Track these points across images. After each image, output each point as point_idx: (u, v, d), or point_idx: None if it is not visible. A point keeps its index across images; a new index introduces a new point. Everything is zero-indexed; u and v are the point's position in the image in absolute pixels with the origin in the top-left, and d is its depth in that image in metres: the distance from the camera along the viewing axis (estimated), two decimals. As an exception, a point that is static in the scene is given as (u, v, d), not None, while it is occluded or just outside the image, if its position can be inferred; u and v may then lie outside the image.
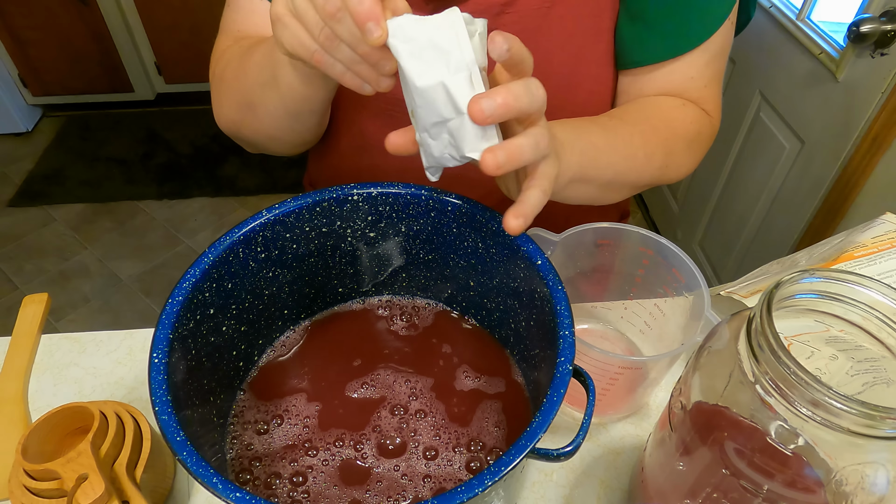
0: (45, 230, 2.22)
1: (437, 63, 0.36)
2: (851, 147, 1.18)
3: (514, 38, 0.36)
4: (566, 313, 0.42)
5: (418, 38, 0.36)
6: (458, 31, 0.36)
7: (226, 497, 0.34)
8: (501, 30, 0.36)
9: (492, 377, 0.53)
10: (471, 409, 0.51)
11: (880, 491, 0.32)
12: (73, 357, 0.66)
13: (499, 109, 0.35)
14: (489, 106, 0.35)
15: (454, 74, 0.36)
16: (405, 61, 0.37)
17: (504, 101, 0.35)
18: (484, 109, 0.35)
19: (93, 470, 0.46)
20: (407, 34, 0.37)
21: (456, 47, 0.36)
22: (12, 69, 2.50)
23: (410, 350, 0.55)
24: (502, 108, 0.36)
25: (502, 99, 0.35)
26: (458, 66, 0.36)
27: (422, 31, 0.36)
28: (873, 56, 1.10)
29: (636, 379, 0.55)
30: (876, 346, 0.36)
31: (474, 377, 0.53)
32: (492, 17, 0.58)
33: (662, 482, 0.45)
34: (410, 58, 0.37)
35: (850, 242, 0.59)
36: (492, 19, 0.58)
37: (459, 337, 0.57)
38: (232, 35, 0.63)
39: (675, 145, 0.59)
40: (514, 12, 0.57)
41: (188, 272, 0.44)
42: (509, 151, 0.37)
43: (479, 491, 0.33)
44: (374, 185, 0.50)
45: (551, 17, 0.58)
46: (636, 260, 0.58)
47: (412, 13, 0.37)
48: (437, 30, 0.36)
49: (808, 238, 1.33)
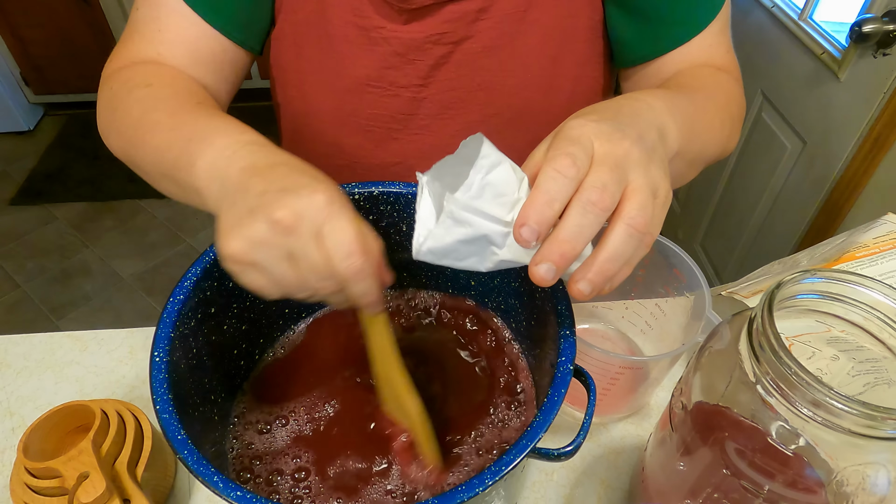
0: (46, 229, 2.22)
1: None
2: (853, 147, 1.18)
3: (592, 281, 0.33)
4: (567, 313, 0.42)
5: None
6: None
7: (226, 496, 0.34)
8: (478, 36, 0.35)
9: (492, 376, 0.53)
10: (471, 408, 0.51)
11: (881, 491, 0.32)
12: (75, 355, 0.66)
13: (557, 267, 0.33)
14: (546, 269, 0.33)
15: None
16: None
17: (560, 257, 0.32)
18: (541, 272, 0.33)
19: (94, 468, 0.46)
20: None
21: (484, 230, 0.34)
22: (14, 68, 2.51)
23: (411, 349, 0.55)
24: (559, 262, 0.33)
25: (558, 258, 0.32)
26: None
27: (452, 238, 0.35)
28: (875, 56, 1.10)
29: (637, 379, 0.55)
30: (877, 346, 0.36)
31: (475, 376, 0.53)
32: (468, 23, 0.57)
33: (663, 482, 0.45)
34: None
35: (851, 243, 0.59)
36: (468, 26, 0.57)
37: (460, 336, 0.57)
38: (149, 35, 0.56)
39: (731, 111, 0.56)
40: (489, 18, 0.57)
41: (189, 271, 0.44)
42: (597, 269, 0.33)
43: (479, 490, 0.33)
44: (375, 184, 0.50)
45: (527, 22, 0.58)
46: (637, 260, 0.58)
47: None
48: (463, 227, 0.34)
49: (809, 238, 1.33)
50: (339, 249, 0.34)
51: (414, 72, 0.60)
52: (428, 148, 0.65)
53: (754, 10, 1.44)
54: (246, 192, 0.36)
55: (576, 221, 0.32)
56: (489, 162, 0.34)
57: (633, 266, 0.35)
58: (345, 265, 0.34)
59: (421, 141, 0.64)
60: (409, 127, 0.63)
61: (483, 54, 0.59)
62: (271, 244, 0.34)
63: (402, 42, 0.58)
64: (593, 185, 0.32)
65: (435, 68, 0.59)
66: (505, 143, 0.64)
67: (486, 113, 0.62)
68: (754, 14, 1.44)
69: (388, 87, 0.61)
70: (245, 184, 0.36)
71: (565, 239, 0.32)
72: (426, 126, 0.63)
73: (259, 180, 0.36)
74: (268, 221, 0.33)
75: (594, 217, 0.32)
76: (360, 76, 0.60)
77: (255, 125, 0.42)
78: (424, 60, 0.59)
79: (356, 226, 0.35)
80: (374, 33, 0.58)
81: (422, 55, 0.59)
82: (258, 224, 0.34)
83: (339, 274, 0.34)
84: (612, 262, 0.33)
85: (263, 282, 0.36)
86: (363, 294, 0.36)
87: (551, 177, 0.32)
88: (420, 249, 0.35)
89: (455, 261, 0.36)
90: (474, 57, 0.59)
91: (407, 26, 0.57)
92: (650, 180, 0.34)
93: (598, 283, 0.33)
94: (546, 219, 0.32)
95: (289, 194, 0.34)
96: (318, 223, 0.34)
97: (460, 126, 0.63)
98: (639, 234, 0.33)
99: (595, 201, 0.32)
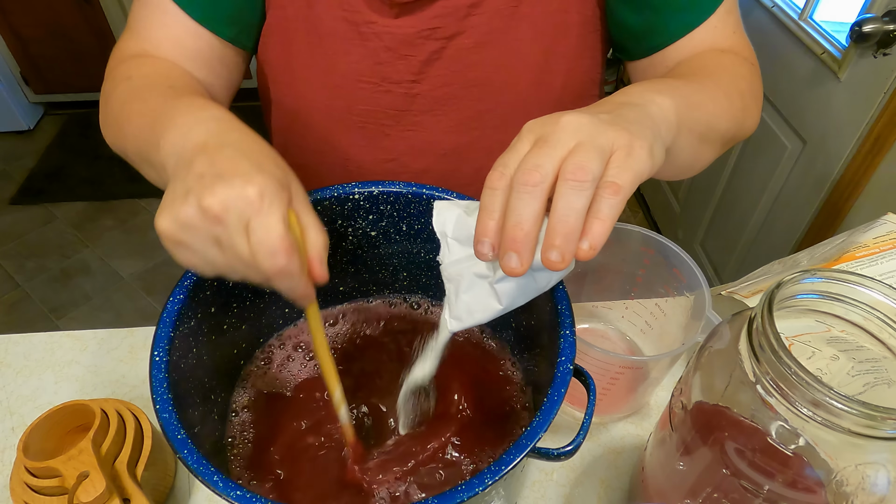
0: (46, 228, 2.22)
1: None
2: (853, 147, 1.18)
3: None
4: (567, 313, 0.42)
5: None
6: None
7: (226, 495, 0.34)
8: (469, 32, 0.35)
9: (493, 376, 0.53)
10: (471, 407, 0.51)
11: (881, 491, 0.32)
12: (75, 355, 0.66)
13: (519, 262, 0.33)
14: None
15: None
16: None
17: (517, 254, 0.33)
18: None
19: (94, 467, 0.46)
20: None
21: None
22: (14, 67, 2.51)
23: (411, 349, 0.55)
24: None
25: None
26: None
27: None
28: (876, 56, 1.09)
29: (637, 378, 0.55)
30: (877, 346, 0.36)
31: (475, 376, 0.53)
32: (459, 19, 0.57)
33: (663, 482, 0.45)
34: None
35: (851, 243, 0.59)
36: (459, 21, 0.57)
37: (460, 336, 0.57)
38: (137, 32, 0.58)
39: (740, 86, 0.55)
40: (481, 13, 0.57)
41: (189, 270, 0.44)
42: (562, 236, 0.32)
43: (479, 490, 0.33)
44: (375, 183, 0.50)
45: (518, 16, 0.58)
46: (637, 259, 0.58)
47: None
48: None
49: (809, 238, 1.33)
50: (262, 246, 0.34)
51: (406, 67, 0.60)
52: (421, 144, 0.65)
53: (754, 10, 1.44)
54: (189, 169, 0.36)
55: (512, 206, 0.33)
56: (443, 224, 0.39)
57: (607, 220, 0.32)
58: (268, 264, 0.35)
59: (414, 137, 0.64)
60: (402, 123, 0.63)
61: (475, 50, 0.59)
62: (198, 228, 0.35)
63: (393, 37, 0.58)
64: (520, 170, 0.33)
65: (427, 64, 0.59)
66: (497, 139, 0.65)
67: (478, 108, 0.62)
68: (754, 14, 1.44)
69: (379, 83, 0.61)
70: (191, 161, 0.37)
71: (509, 226, 0.32)
72: (419, 122, 0.63)
73: (203, 160, 0.36)
74: (197, 207, 0.34)
75: (527, 196, 0.32)
76: (350, 72, 0.60)
77: (257, 125, 0.42)
78: (416, 56, 0.59)
79: (284, 223, 0.35)
80: (364, 28, 0.58)
81: (413, 50, 0.58)
82: (188, 207, 0.34)
83: (262, 270, 0.35)
84: (563, 219, 0.32)
85: (196, 260, 0.37)
86: (289, 289, 0.37)
87: (485, 194, 0.34)
88: (449, 321, 0.40)
89: (477, 314, 0.39)
90: (466, 53, 0.59)
91: (397, 20, 0.57)
92: (593, 138, 0.33)
93: (563, 246, 0.32)
94: (490, 228, 0.33)
95: (222, 182, 0.34)
96: (246, 215, 0.34)
97: (453, 122, 0.63)
98: (581, 185, 0.32)
99: (524, 181, 0.32)
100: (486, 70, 0.60)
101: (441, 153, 0.65)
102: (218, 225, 0.34)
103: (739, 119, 0.54)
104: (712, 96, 0.50)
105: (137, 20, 0.58)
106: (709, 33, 0.58)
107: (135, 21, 0.58)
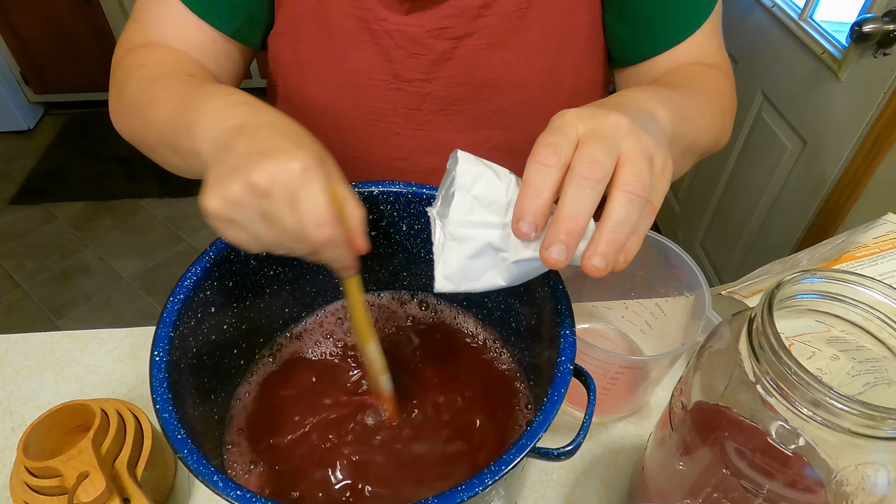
0: (46, 228, 2.22)
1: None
2: (853, 147, 1.18)
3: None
4: (567, 313, 0.42)
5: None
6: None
7: (226, 495, 0.34)
8: (480, 33, 0.35)
9: (493, 376, 0.53)
10: (471, 407, 0.51)
11: (881, 491, 0.32)
12: (75, 355, 0.66)
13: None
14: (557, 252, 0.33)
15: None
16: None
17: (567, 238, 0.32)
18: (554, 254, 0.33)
19: (94, 467, 0.46)
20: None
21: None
22: (14, 67, 2.51)
23: (411, 348, 0.55)
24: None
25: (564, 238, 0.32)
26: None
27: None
28: (876, 56, 1.10)
29: (637, 378, 0.55)
30: (877, 346, 0.36)
31: (475, 376, 0.53)
32: (469, 19, 0.57)
33: (663, 482, 0.45)
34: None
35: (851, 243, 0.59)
36: (470, 22, 0.57)
37: (460, 335, 0.57)
38: (142, 24, 0.58)
39: (723, 103, 0.57)
40: (491, 14, 0.57)
41: (189, 270, 0.44)
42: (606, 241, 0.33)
43: (479, 490, 0.33)
44: (375, 183, 0.50)
45: (529, 18, 0.58)
46: (637, 259, 0.58)
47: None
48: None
49: (809, 238, 1.33)
50: (310, 218, 0.35)
51: (417, 66, 0.60)
52: (432, 144, 0.65)
53: (754, 10, 1.44)
54: (230, 151, 0.37)
55: (572, 198, 0.32)
56: (469, 177, 0.35)
57: (641, 237, 0.35)
58: (315, 233, 0.35)
59: (425, 137, 0.64)
60: (413, 122, 0.63)
61: (486, 51, 0.59)
62: (247, 205, 0.35)
63: (403, 35, 0.58)
64: (582, 161, 0.33)
65: (438, 63, 0.59)
66: (508, 139, 0.65)
67: (489, 109, 0.62)
68: (754, 14, 1.44)
69: (391, 81, 0.61)
70: (230, 143, 0.37)
71: (566, 217, 0.32)
72: (430, 122, 0.63)
73: (243, 140, 0.37)
74: (245, 183, 0.35)
75: (590, 190, 0.32)
76: (361, 69, 0.60)
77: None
78: (427, 55, 0.59)
79: (329, 195, 0.36)
80: (375, 25, 0.58)
81: (424, 49, 0.59)
82: (235, 185, 0.35)
83: (310, 241, 0.36)
84: (617, 230, 0.33)
85: (244, 237, 0.37)
86: (334, 260, 0.38)
87: (534, 170, 0.33)
88: (437, 279, 0.37)
89: (473, 282, 0.37)
90: (477, 54, 0.59)
91: (408, 17, 0.57)
92: (643, 147, 0.34)
93: (609, 255, 0.33)
94: (538, 208, 0.32)
95: (266, 158, 0.35)
96: (292, 189, 0.35)
97: (464, 122, 0.63)
98: (639, 199, 0.33)
99: (587, 175, 0.32)
100: (497, 71, 0.60)
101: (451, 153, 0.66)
102: (266, 199, 0.35)
103: (718, 135, 0.57)
104: (701, 111, 0.51)
105: (142, 11, 0.59)
106: (694, 49, 0.60)
107: (139, 12, 0.59)
